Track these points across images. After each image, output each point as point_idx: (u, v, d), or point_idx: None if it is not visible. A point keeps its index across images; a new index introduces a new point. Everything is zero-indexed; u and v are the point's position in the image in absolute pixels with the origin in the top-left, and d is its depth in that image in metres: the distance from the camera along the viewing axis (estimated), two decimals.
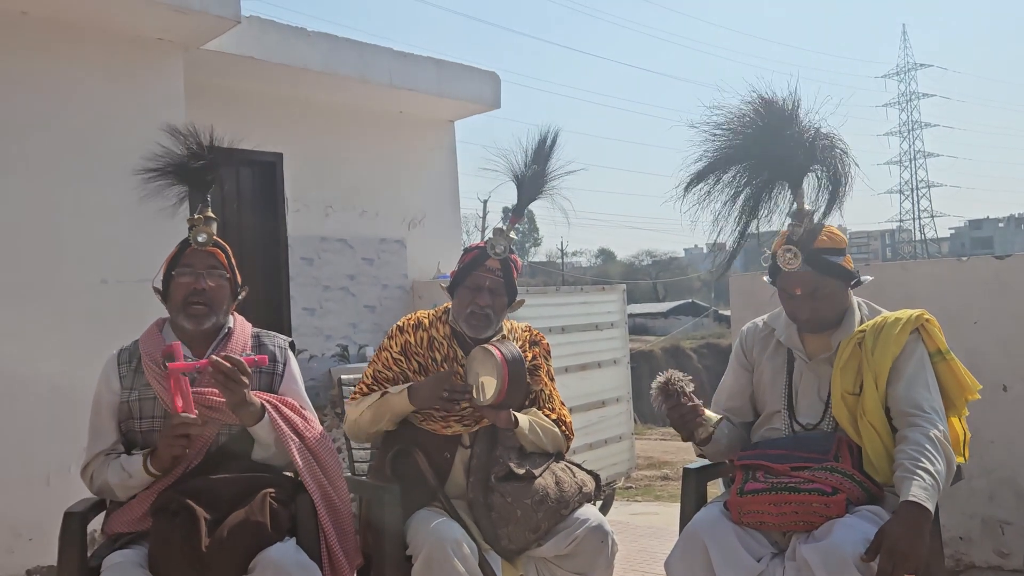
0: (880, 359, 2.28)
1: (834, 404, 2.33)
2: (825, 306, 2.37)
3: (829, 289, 2.36)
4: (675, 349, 27.81)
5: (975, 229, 75.31)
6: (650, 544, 4.47)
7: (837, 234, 2.41)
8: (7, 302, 3.94)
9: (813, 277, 2.35)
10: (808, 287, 2.35)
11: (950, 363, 2.34)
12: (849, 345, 2.34)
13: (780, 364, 2.49)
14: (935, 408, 2.25)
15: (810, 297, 2.36)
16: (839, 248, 2.39)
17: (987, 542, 3.55)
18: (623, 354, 6.58)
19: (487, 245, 2.65)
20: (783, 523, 2.18)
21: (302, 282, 5.56)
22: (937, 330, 2.36)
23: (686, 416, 2.34)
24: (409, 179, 6.37)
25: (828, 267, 2.35)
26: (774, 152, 2.41)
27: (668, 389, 2.34)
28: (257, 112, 5.38)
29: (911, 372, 2.29)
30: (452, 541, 2.32)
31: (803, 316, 2.40)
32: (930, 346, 2.34)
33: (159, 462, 2.26)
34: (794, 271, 2.36)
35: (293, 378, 2.54)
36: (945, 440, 2.19)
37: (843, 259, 2.39)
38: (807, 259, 2.34)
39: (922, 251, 63.25)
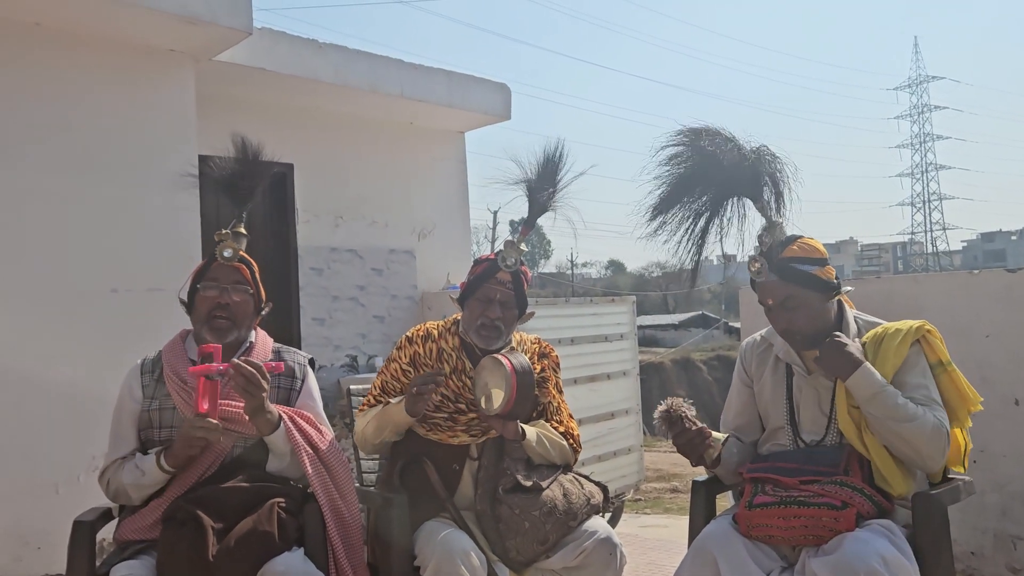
0: (881, 372, 2.26)
1: (840, 418, 2.31)
2: (800, 317, 2.33)
3: (800, 299, 2.32)
4: (685, 361, 27.71)
5: (988, 242, 74.92)
6: (659, 557, 4.45)
7: (811, 244, 2.38)
8: (17, 310, 3.96)
9: (781, 286, 2.33)
10: (778, 297, 2.34)
11: (951, 374, 2.32)
12: None
13: (780, 379, 2.48)
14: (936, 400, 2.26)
15: (781, 307, 2.34)
16: (812, 258, 2.34)
17: (999, 556, 3.52)
18: (632, 366, 6.56)
19: (498, 257, 2.65)
20: (792, 537, 2.17)
21: (312, 292, 5.58)
22: (939, 341, 2.34)
23: (693, 440, 2.32)
24: (419, 190, 6.38)
25: (796, 276, 2.32)
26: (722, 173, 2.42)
27: (671, 416, 2.32)
28: (268, 123, 5.39)
29: (913, 383, 2.27)
30: (461, 552, 2.32)
31: (780, 327, 2.38)
32: (931, 357, 2.32)
33: (173, 458, 2.28)
34: (763, 282, 2.36)
35: (310, 394, 2.55)
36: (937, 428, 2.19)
37: (819, 269, 2.34)
38: (773, 268, 2.34)
39: (934, 264, 62.98)
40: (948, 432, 2.23)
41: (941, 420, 2.22)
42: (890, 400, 2.18)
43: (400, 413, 2.55)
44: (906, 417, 2.17)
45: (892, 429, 2.18)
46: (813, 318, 2.34)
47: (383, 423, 2.60)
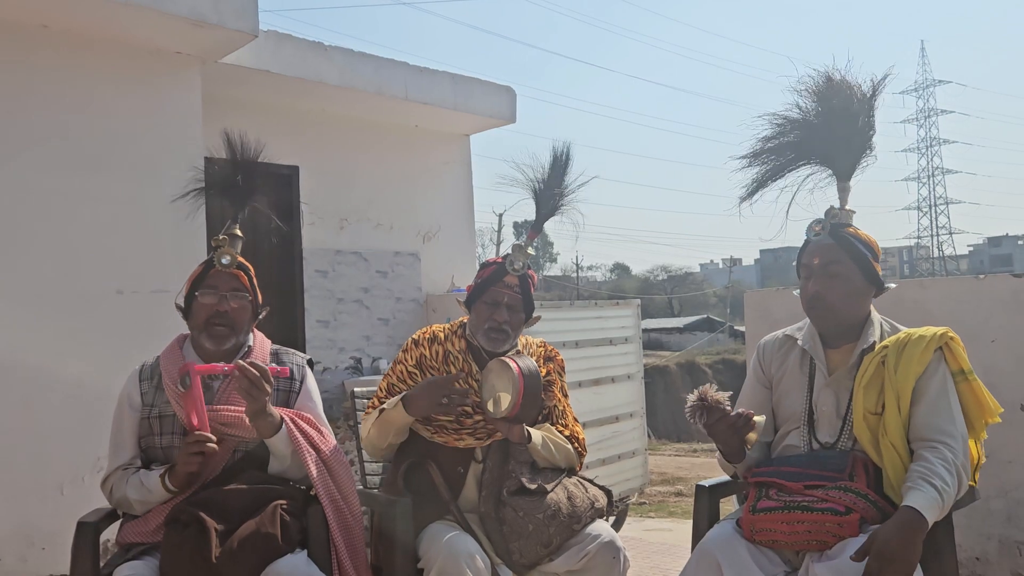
0: (903, 378, 2.23)
1: (855, 424, 2.28)
2: (837, 287, 2.33)
3: (844, 270, 2.33)
4: (690, 365, 27.70)
5: (994, 246, 74.75)
6: (663, 561, 4.44)
7: (872, 239, 2.42)
8: (23, 312, 3.98)
9: (833, 249, 2.35)
10: (825, 257, 2.35)
11: (972, 384, 2.29)
12: (872, 362, 2.29)
13: (800, 379, 2.45)
14: (956, 434, 2.20)
15: (824, 270, 2.35)
16: (869, 246, 2.38)
17: (1004, 562, 3.51)
18: (637, 369, 6.56)
19: (506, 261, 2.65)
20: (795, 542, 2.16)
21: (316, 295, 5.58)
22: (961, 349, 2.31)
23: (736, 424, 2.23)
24: (424, 192, 6.39)
25: (850, 246, 2.35)
26: (833, 138, 2.44)
27: (707, 404, 2.26)
28: (274, 125, 5.42)
29: (934, 394, 2.24)
30: (465, 555, 2.31)
31: (812, 290, 2.36)
32: (952, 365, 2.29)
33: (176, 478, 2.29)
34: (817, 241, 2.39)
35: (309, 395, 2.55)
36: (963, 468, 2.15)
37: (871, 257, 2.37)
38: (832, 232, 2.37)
39: (940, 268, 62.82)
40: (966, 466, 2.18)
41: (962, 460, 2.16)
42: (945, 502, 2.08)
43: (399, 414, 2.55)
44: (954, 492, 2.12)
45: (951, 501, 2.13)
46: (847, 296, 2.34)
47: (384, 428, 2.60)
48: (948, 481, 2.09)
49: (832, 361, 2.41)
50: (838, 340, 2.41)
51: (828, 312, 2.36)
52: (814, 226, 2.41)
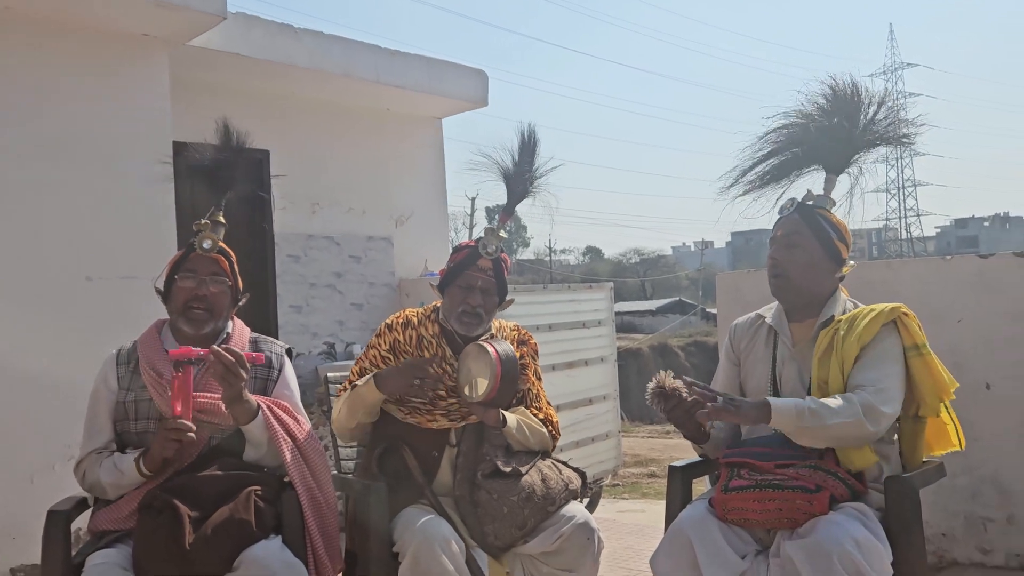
0: (849, 347, 2.29)
1: (812, 394, 2.33)
2: (796, 257, 2.40)
3: (805, 242, 2.41)
4: (663, 347, 27.86)
5: (961, 228, 75.78)
6: (636, 542, 4.49)
7: (844, 224, 2.48)
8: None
9: (796, 223, 2.44)
10: (787, 229, 2.44)
11: (926, 358, 2.33)
12: (827, 335, 2.35)
13: (766, 352, 2.51)
14: (883, 388, 2.23)
15: (785, 240, 2.43)
16: (836, 226, 2.44)
17: (970, 539, 3.58)
18: (610, 352, 6.59)
19: (479, 245, 2.65)
20: (767, 520, 2.19)
21: (288, 280, 5.54)
22: (915, 325, 2.36)
23: (691, 410, 2.31)
24: (396, 176, 6.35)
25: (813, 222, 2.42)
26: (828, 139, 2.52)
27: (664, 391, 2.34)
28: (243, 109, 5.32)
29: (874, 357, 2.29)
30: (440, 539, 2.33)
31: (773, 259, 2.45)
32: (907, 340, 2.34)
33: (151, 462, 2.27)
34: (784, 216, 2.48)
35: (287, 384, 2.55)
36: (870, 407, 2.18)
37: (836, 237, 2.43)
38: (800, 209, 2.46)
39: (908, 250, 63.60)
40: (889, 404, 2.22)
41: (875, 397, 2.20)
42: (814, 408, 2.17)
43: (370, 391, 2.55)
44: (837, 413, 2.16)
45: (832, 430, 2.17)
46: (806, 267, 2.41)
47: (354, 405, 2.60)
48: (830, 406, 2.16)
49: (796, 335, 2.47)
50: (802, 315, 2.46)
51: (785, 281, 2.43)
52: (786, 204, 2.50)
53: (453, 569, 2.29)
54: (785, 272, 2.43)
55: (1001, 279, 3.54)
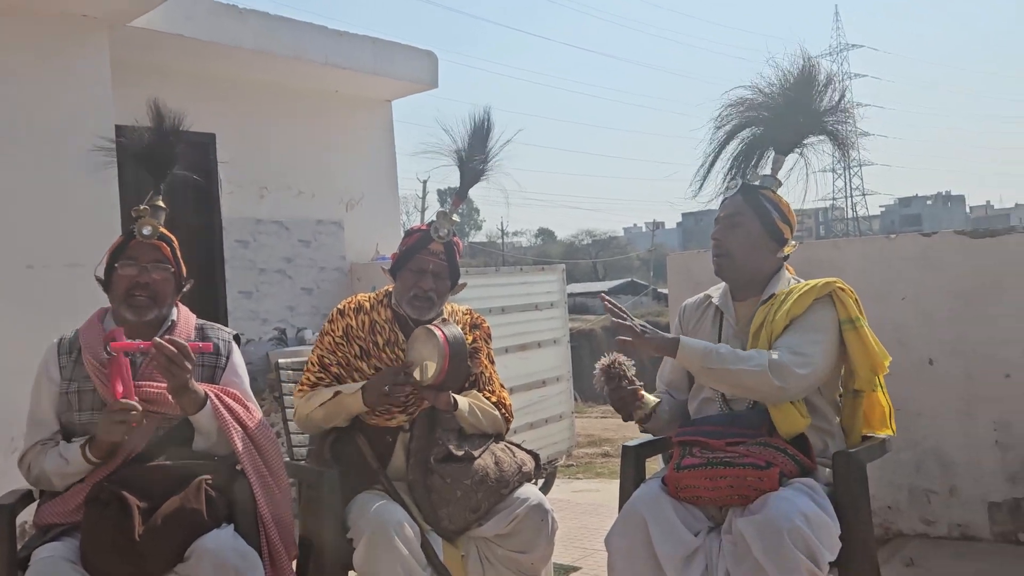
0: (780, 319, 2.34)
1: None
2: (737, 236, 2.44)
3: (746, 223, 2.44)
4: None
5: (904, 206, 77.38)
6: (591, 521, 4.53)
7: (786, 202, 2.51)
8: None
9: (738, 203, 2.47)
10: (730, 209, 2.48)
11: (860, 332, 2.35)
12: (763, 311, 2.40)
13: (712, 331, 2.54)
14: (801, 352, 2.27)
15: (727, 220, 2.47)
16: (779, 206, 2.47)
17: (914, 511, 3.68)
18: (563, 334, 6.61)
19: (430, 228, 2.64)
20: (719, 497, 2.22)
21: (237, 265, 5.46)
22: (851, 299, 2.39)
23: (626, 399, 2.39)
24: (346, 159, 6.29)
25: (755, 202, 2.45)
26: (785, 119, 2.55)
27: (611, 372, 2.38)
28: (188, 91, 5.23)
29: (799, 326, 2.33)
30: (395, 523, 2.32)
31: (715, 238, 2.48)
32: (842, 313, 2.37)
33: (97, 449, 2.22)
34: (728, 197, 2.51)
35: (235, 371, 2.50)
36: (780, 364, 2.22)
37: (778, 217, 2.46)
38: (743, 190, 2.49)
39: (854, 229, 64.85)
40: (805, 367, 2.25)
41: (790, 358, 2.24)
42: (721, 352, 2.27)
43: (356, 403, 2.53)
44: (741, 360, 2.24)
45: (733, 374, 2.24)
46: (747, 247, 2.44)
47: (335, 412, 2.57)
48: (738, 353, 2.25)
49: (740, 314, 2.50)
50: (745, 293, 2.50)
51: (727, 260, 2.47)
52: (731, 184, 2.54)
53: (408, 553, 2.29)
54: (727, 252, 2.46)
55: (943, 257, 3.62)
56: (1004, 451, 3.49)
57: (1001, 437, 3.49)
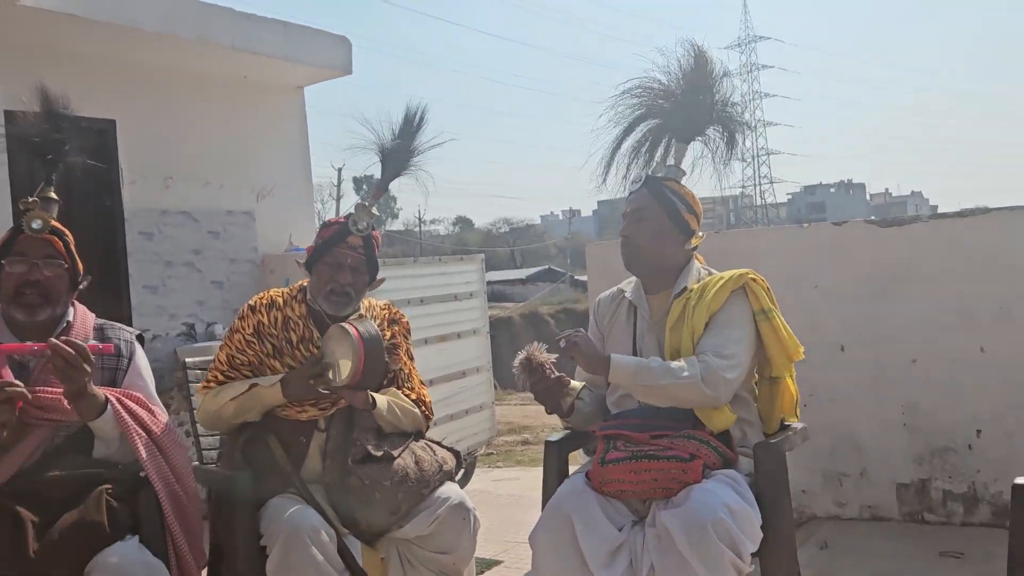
0: (699, 316, 2.34)
1: (665, 359, 2.37)
2: (644, 231, 2.43)
3: (653, 217, 2.43)
4: (533, 315, 28.23)
5: (810, 195, 79.90)
6: (512, 513, 4.51)
7: (691, 193, 2.51)
8: None
9: (644, 197, 2.46)
10: (636, 204, 2.47)
11: (773, 323, 2.38)
12: (679, 305, 2.40)
13: (627, 326, 2.53)
14: (729, 354, 2.28)
15: (634, 215, 2.46)
16: (684, 198, 2.47)
17: (827, 494, 3.77)
18: (483, 324, 6.57)
19: (349, 221, 2.55)
20: (643, 491, 2.21)
21: (141, 258, 5.22)
22: (763, 289, 2.40)
23: (552, 388, 2.35)
24: (256, 147, 6.08)
25: (661, 195, 2.45)
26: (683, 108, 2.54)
27: (531, 364, 2.33)
28: (85, 75, 4.98)
29: (721, 323, 2.34)
30: (309, 528, 2.24)
31: (623, 233, 2.47)
32: (755, 305, 2.39)
33: None
34: (634, 191, 2.50)
35: (139, 373, 2.37)
36: (711, 372, 2.23)
37: (684, 209, 2.45)
38: (648, 183, 2.48)
39: (763, 216, 66.68)
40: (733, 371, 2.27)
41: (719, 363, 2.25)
42: (652, 367, 2.27)
43: (274, 395, 2.43)
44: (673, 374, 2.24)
45: (667, 389, 2.26)
46: (655, 240, 2.43)
47: (248, 406, 2.46)
48: (670, 367, 2.25)
49: (653, 307, 2.49)
50: (657, 286, 2.50)
51: (637, 253, 2.47)
52: (636, 178, 2.53)
53: (323, 560, 2.21)
54: (635, 246, 2.46)
55: (854, 246, 3.70)
56: (911, 434, 3.60)
57: (909, 420, 3.60)
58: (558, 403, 2.40)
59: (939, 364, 3.53)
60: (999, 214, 3.49)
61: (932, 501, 3.57)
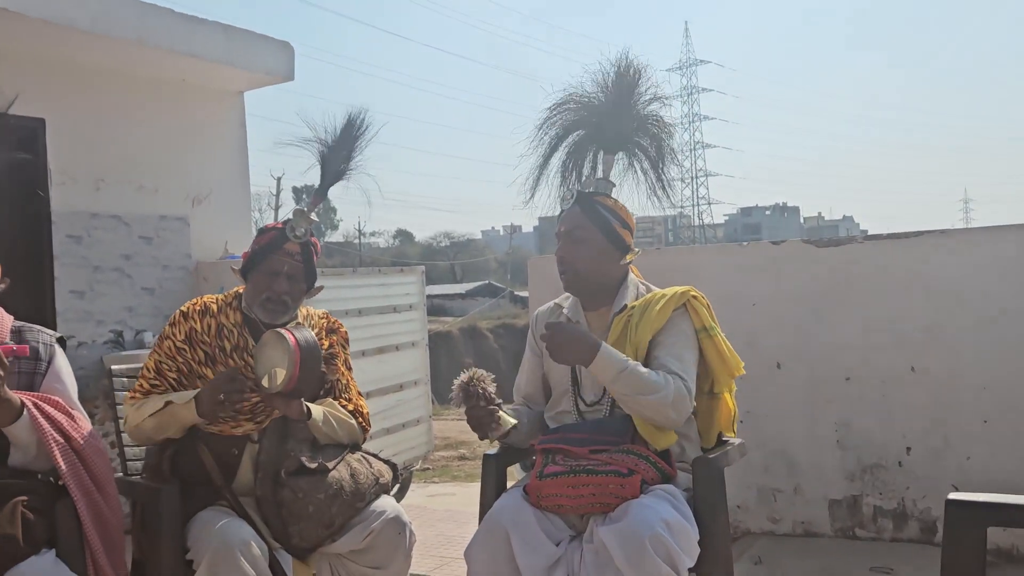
0: (642, 334, 2.34)
1: None
2: (581, 251, 2.41)
3: (588, 236, 2.41)
4: (472, 330, 28.17)
5: (746, 216, 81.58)
6: (448, 528, 4.45)
7: (624, 207, 2.50)
8: None
9: (577, 216, 2.44)
10: (569, 224, 2.44)
11: (714, 339, 2.39)
12: (620, 322, 2.39)
13: None
14: (688, 377, 2.30)
15: (568, 236, 2.44)
16: (617, 214, 2.46)
17: (762, 509, 3.80)
18: (422, 336, 6.51)
19: (286, 227, 2.49)
20: (580, 506, 2.19)
21: (68, 262, 5.04)
22: (703, 307, 2.42)
23: (483, 419, 2.29)
24: (193, 152, 5.94)
25: (594, 214, 2.43)
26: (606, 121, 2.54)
27: (469, 389, 2.28)
28: (13, 72, 4.82)
29: (669, 343, 2.34)
30: (240, 542, 2.16)
31: (559, 255, 2.45)
32: (696, 323, 2.40)
33: None
34: (566, 210, 2.48)
35: (58, 377, 2.26)
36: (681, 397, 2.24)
37: (618, 224, 2.44)
38: (579, 200, 2.46)
39: (700, 236, 67.77)
40: (691, 396, 2.29)
41: (686, 387, 2.27)
42: (634, 376, 2.23)
43: (189, 414, 2.34)
44: (652, 389, 2.22)
45: (641, 403, 2.23)
46: (592, 260, 2.42)
47: (166, 423, 2.37)
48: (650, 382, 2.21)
49: (593, 324, 2.48)
50: (595, 303, 2.49)
51: (574, 275, 2.45)
52: (566, 195, 2.52)
53: (254, 575, 2.13)
54: (572, 268, 2.44)
55: (791, 265, 3.76)
56: (844, 451, 3.65)
57: (841, 437, 3.65)
58: (486, 432, 2.33)
59: (871, 382, 3.59)
60: (930, 236, 3.58)
61: (863, 517, 3.62)
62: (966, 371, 3.42)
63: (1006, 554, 3.29)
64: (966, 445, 3.43)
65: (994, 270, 3.39)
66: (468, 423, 2.34)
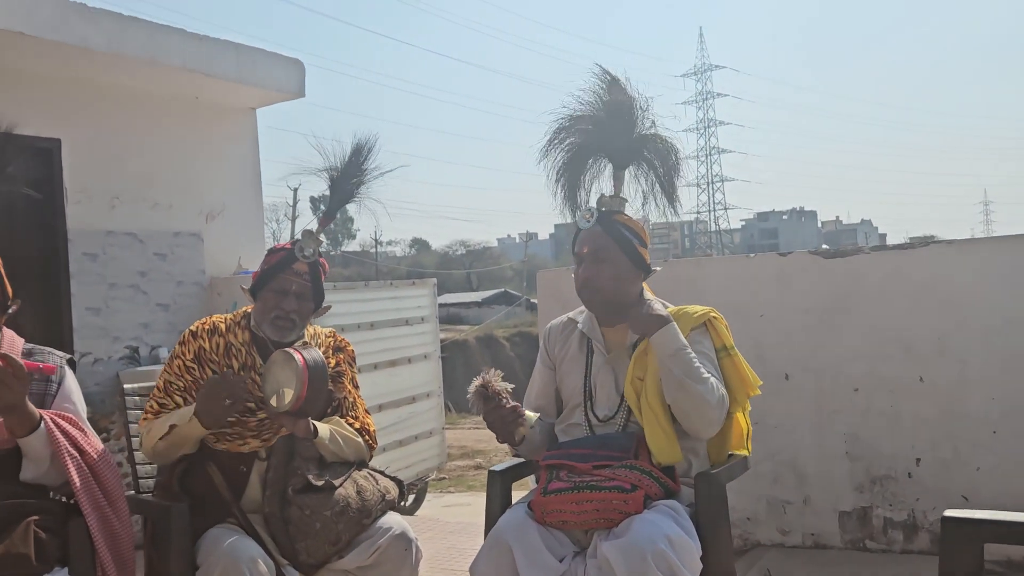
0: None
1: (625, 387, 2.39)
2: (605, 272, 2.42)
3: (612, 256, 2.43)
4: (488, 338, 28.23)
5: (763, 221, 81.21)
6: (459, 541, 4.47)
7: (640, 225, 2.52)
8: None
9: (600, 236, 2.45)
10: (593, 245, 2.45)
11: (734, 359, 2.44)
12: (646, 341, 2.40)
13: (580, 358, 2.53)
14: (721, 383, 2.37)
15: (593, 257, 2.44)
16: (636, 232, 2.48)
17: (771, 521, 3.80)
18: (434, 348, 6.55)
19: (295, 247, 2.53)
20: (584, 521, 2.21)
21: (84, 280, 5.12)
22: (724, 327, 2.47)
23: (506, 418, 2.31)
24: (207, 169, 6.02)
25: (616, 233, 2.44)
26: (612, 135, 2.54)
27: (487, 392, 2.31)
28: (30, 94, 4.91)
29: (704, 360, 2.37)
30: (248, 560, 2.20)
31: (583, 276, 2.46)
32: (716, 342, 2.45)
33: None
34: (587, 230, 2.48)
35: (68, 397, 2.30)
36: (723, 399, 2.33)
37: (638, 243, 2.47)
38: (600, 219, 2.47)
39: (717, 241, 67.55)
40: (728, 403, 2.35)
41: (723, 400, 2.34)
42: (689, 359, 2.29)
43: (194, 428, 2.38)
44: (701, 379, 2.28)
45: (687, 388, 2.27)
46: (616, 280, 2.43)
47: (177, 442, 2.41)
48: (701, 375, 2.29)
49: (610, 340, 2.50)
50: (613, 320, 2.50)
51: (597, 295, 2.46)
52: (584, 215, 2.51)
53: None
54: (598, 289, 2.45)
55: (798, 276, 3.76)
56: (853, 462, 3.65)
57: (850, 448, 3.65)
58: (510, 433, 2.35)
59: (880, 394, 3.59)
60: (938, 247, 3.57)
61: (873, 529, 3.61)
62: (974, 381, 3.42)
63: (1018, 566, 3.28)
64: (976, 456, 3.42)
65: (1002, 280, 3.38)
66: (489, 427, 2.36)
